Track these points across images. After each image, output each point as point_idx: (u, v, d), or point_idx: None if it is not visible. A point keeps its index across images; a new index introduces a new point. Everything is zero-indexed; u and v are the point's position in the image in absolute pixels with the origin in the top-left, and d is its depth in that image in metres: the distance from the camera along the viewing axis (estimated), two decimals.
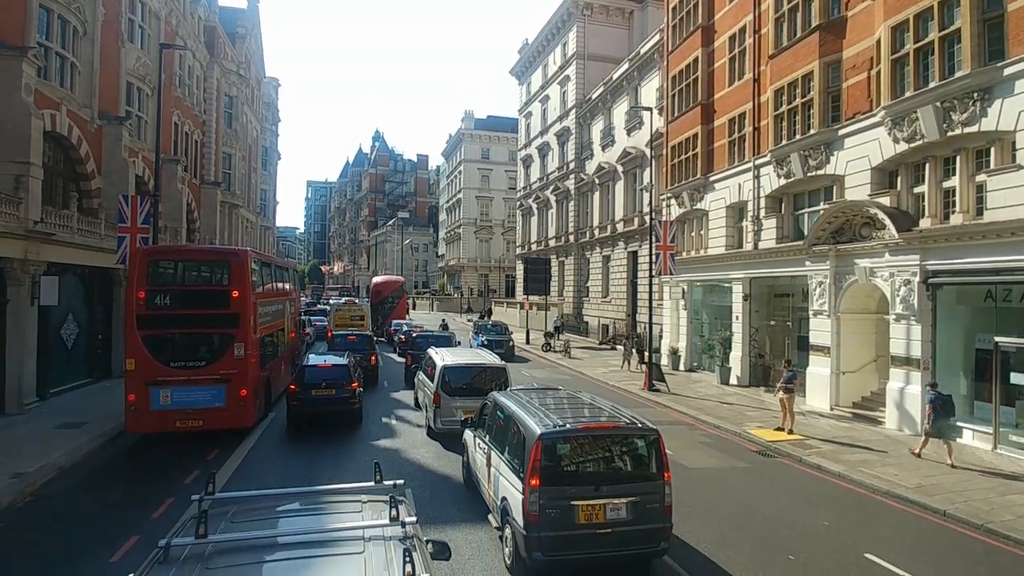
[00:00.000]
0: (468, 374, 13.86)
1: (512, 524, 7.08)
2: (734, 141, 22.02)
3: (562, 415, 7.60)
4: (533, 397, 8.77)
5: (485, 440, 8.90)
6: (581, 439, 7.20)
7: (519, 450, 7.29)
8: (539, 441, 6.87)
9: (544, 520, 6.63)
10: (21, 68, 15.34)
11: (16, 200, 14.63)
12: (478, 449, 9.33)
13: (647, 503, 6.89)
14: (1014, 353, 12.45)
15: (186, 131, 29.07)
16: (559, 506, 6.67)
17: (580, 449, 7.22)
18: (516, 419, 7.75)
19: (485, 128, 75.28)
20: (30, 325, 15.28)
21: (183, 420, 12.58)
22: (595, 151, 38.94)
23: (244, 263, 13.45)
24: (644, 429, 7.31)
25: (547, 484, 6.72)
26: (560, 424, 7.15)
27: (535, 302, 38.72)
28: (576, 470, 7.16)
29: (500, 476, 7.86)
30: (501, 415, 8.49)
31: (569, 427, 7.17)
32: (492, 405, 9.17)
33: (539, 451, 6.81)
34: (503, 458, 7.87)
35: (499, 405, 8.73)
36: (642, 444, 7.31)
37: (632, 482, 7.08)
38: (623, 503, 6.81)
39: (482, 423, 9.41)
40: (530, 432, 7.13)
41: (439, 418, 13.31)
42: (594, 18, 42.03)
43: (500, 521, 7.69)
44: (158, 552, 3.51)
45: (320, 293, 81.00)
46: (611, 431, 7.31)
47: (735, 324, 21.54)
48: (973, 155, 13.54)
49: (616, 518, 6.77)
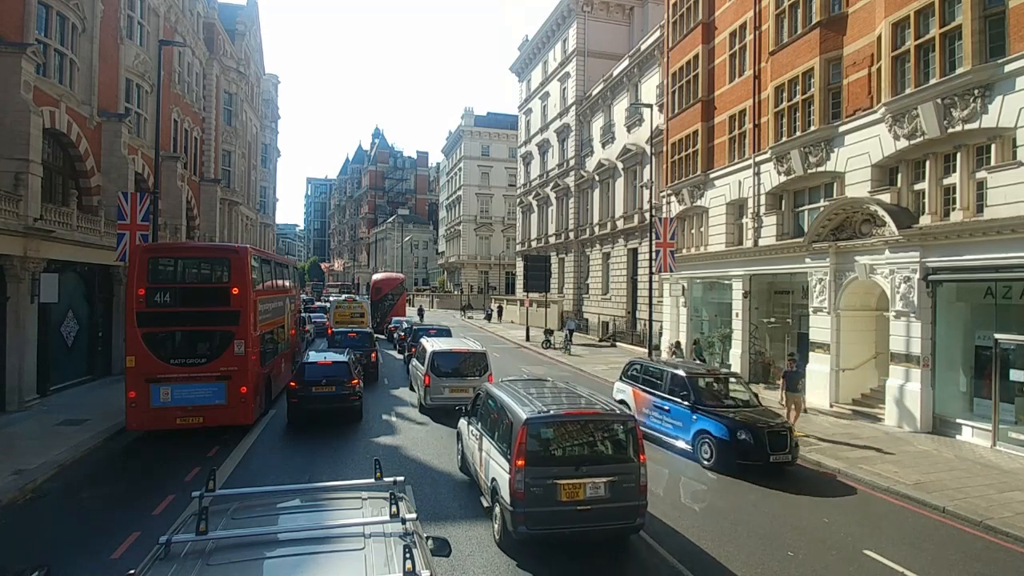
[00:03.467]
0: (454, 359, 16.04)
1: (500, 502, 7.66)
2: (734, 138, 21.99)
3: (546, 402, 8.16)
4: (520, 387, 9.26)
5: (477, 428, 9.46)
6: (563, 423, 7.79)
7: (507, 434, 7.86)
8: (525, 425, 7.47)
9: (529, 497, 7.24)
10: (20, 65, 15.30)
11: (16, 197, 14.62)
12: (471, 436, 9.85)
13: (624, 482, 7.49)
14: (1014, 350, 12.47)
15: (185, 128, 29.03)
16: (543, 485, 7.27)
17: (562, 433, 7.79)
18: (505, 407, 8.30)
19: (485, 125, 75.18)
20: (30, 322, 15.27)
21: (183, 417, 12.61)
22: (595, 148, 38.89)
23: (244, 260, 13.44)
24: (622, 415, 7.98)
25: (532, 465, 7.34)
26: (544, 410, 7.77)
27: (535, 299, 38.72)
28: (558, 452, 7.72)
29: (490, 460, 8.39)
30: (492, 404, 8.96)
31: (552, 413, 7.77)
32: (484, 395, 9.63)
33: (525, 434, 7.43)
34: (493, 443, 8.43)
35: (490, 395, 9.22)
36: (620, 429, 7.92)
37: (610, 463, 7.71)
38: (602, 482, 7.42)
39: (475, 412, 9.91)
40: (517, 417, 7.71)
41: (429, 395, 15.54)
42: (594, 14, 41.93)
43: (490, 500, 8.22)
44: (159, 548, 3.52)
45: (320, 290, 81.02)
46: (591, 416, 7.90)
47: (735, 321, 21.54)
48: (974, 152, 13.52)
49: (595, 496, 7.39)
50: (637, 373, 14.59)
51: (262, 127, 51.27)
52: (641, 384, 14.09)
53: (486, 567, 7.33)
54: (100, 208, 19.55)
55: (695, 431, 11.88)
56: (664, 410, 12.96)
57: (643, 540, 8.11)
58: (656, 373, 13.76)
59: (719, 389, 13.10)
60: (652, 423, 13.28)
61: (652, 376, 13.87)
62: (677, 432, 12.48)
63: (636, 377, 14.52)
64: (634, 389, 14.24)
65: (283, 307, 18.37)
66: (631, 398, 14.26)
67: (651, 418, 13.35)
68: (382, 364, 23.31)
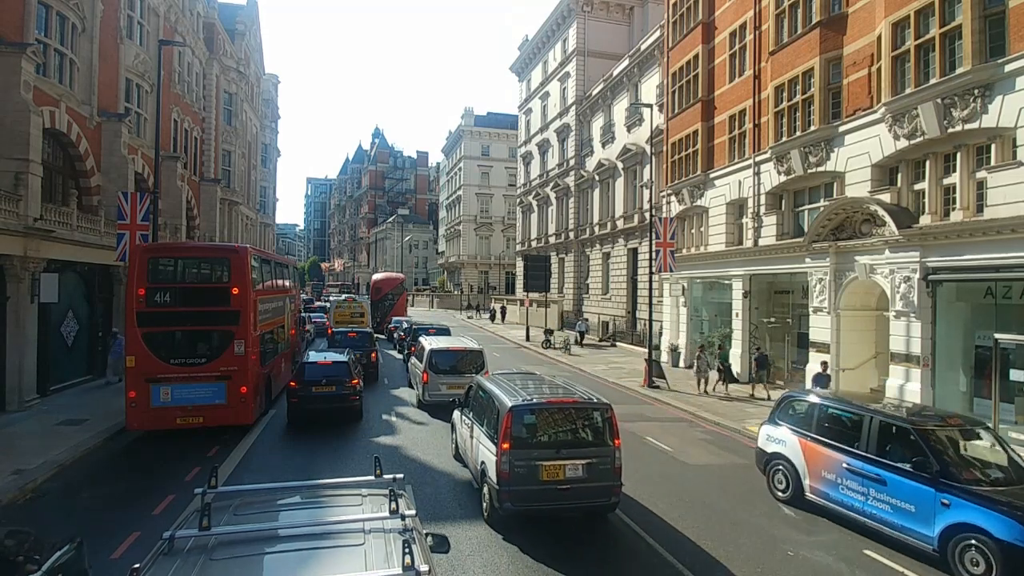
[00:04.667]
0: (452, 357, 16.35)
1: (488, 482, 8.43)
2: (734, 138, 21.99)
3: (530, 392, 8.95)
4: (508, 380, 9.97)
5: (469, 417, 10.22)
6: (545, 411, 8.56)
7: (495, 421, 8.57)
8: (510, 412, 8.23)
9: (514, 477, 7.96)
10: (20, 65, 15.30)
11: (16, 197, 14.62)
12: (463, 424, 10.65)
13: (600, 464, 8.21)
14: (1014, 350, 12.46)
15: (185, 128, 29.03)
16: (526, 466, 8.00)
17: (544, 419, 8.57)
18: (493, 396, 9.04)
19: (485, 125, 75.16)
20: (30, 322, 15.28)
21: (184, 417, 12.61)
22: (595, 148, 38.90)
23: (244, 260, 13.44)
24: (598, 404, 8.66)
25: (516, 448, 8.08)
26: (528, 399, 8.56)
27: (535, 299, 38.73)
28: (541, 437, 8.48)
29: (480, 445, 9.13)
30: (482, 395, 9.71)
31: (535, 401, 8.55)
32: (476, 387, 10.36)
33: (510, 420, 8.18)
34: (483, 430, 9.15)
35: (481, 387, 9.96)
36: (597, 416, 8.65)
37: (588, 447, 8.48)
38: (580, 464, 8.15)
39: (467, 403, 10.63)
40: (503, 405, 8.47)
41: (427, 392, 15.90)
42: (594, 14, 41.95)
43: (480, 482, 8.97)
44: (163, 544, 3.57)
45: (320, 290, 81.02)
46: (570, 405, 8.68)
47: (735, 321, 21.55)
48: (974, 152, 13.52)
49: (574, 476, 8.09)
50: (806, 414, 9.90)
51: (262, 127, 51.28)
52: (816, 432, 9.49)
53: (486, 567, 7.38)
54: (100, 208, 19.55)
55: (947, 525, 7.37)
56: (873, 480, 8.33)
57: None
58: (849, 418, 9.19)
59: (965, 447, 8.66)
60: (847, 497, 8.70)
61: (839, 422, 9.36)
62: (903, 520, 7.92)
63: (804, 420, 9.84)
64: (803, 441, 9.61)
65: (283, 307, 18.37)
66: (797, 453, 9.66)
67: (844, 489, 8.76)
68: (382, 364, 23.31)
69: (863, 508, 8.45)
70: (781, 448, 10.01)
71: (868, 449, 8.57)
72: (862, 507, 8.46)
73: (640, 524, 8.70)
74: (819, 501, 9.21)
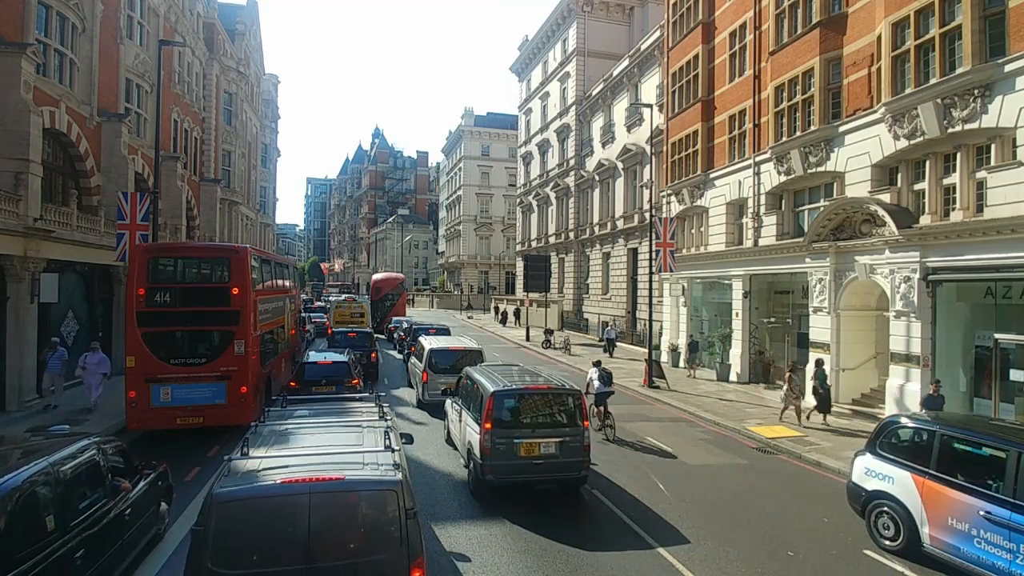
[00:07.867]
0: (451, 356, 16.79)
1: (473, 459, 9.60)
2: (734, 138, 21.99)
3: (511, 380, 10.19)
4: (493, 370, 11.25)
5: (458, 403, 11.43)
6: (523, 395, 9.73)
7: (479, 405, 9.69)
8: (491, 397, 9.40)
9: (495, 453, 9.11)
10: (20, 65, 15.30)
11: (15, 197, 14.62)
12: (453, 410, 11.94)
13: (571, 443, 9.35)
14: (1013, 350, 12.47)
15: (185, 128, 29.03)
16: (505, 443, 9.14)
17: (522, 403, 9.67)
18: (478, 383, 10.18)
19: (485, 125, 75.20)
20: (30, 322, 15.27)
21: (184, 417, 12.60)
22: (595, 148, 38.90)
23: (244, 260, 13.44)
24: (569, 390, 9.88)
25: (497, 428, 9.23)
26: (508, 385, 9.80)
27: (535, 299, 38.74)
28: (519, 418, 9.54)
29: (467, 427, 10.22)
30: (469, 383, 10.87)
31: (514, 387, 9.80)
32: (465, 377, 11.54)
33: (492, 404, 9.35)
34: (469, 414, 10.29)
35: (469, 376, 11.11)
36: (569, 400, 9.75)
37: (560, 427, 9.57)
38: (553, 442, 9.32)
39: (457, 391, 11.90)
40: (486, 391, 9.63)
41: (426, 391, 16.27)
42: (594, 14, 41.95)
43: (467, 459, 10.17)
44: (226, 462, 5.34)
45: (320, 290, 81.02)
46: (546, 391, 9.87)
47: (735, 321, 21.55)
48: (974, 152, 13.53)
49: (547, 452, 9.28)
50: (923, 445, 7.90)
51: (262, 127, 51.27)
52: (935, 469, 7.52)
53: (486, 566, 7.39)
54: (100, 208, 19.54)
55: None
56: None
57: None
58: (986, 453, 7.18)
59: None
60: (985, 554, 6.81)
61: (967, 458, 7.39)
62: None
63: (919, 453, 7.87)
64: (918, 478, 7.67)
65: (283, 307, 18.37)
66: (911, 494, 7.70)
67: (981, 543, 6.85)
68: (382, 364, 23.31)
69: (1010, 570, 6.54)
70: (887, 486, 8.03)
71: (1019, 495, 6.58)
72: (1009, 568, 6.56)
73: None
74: (943, 556, 7.29)
